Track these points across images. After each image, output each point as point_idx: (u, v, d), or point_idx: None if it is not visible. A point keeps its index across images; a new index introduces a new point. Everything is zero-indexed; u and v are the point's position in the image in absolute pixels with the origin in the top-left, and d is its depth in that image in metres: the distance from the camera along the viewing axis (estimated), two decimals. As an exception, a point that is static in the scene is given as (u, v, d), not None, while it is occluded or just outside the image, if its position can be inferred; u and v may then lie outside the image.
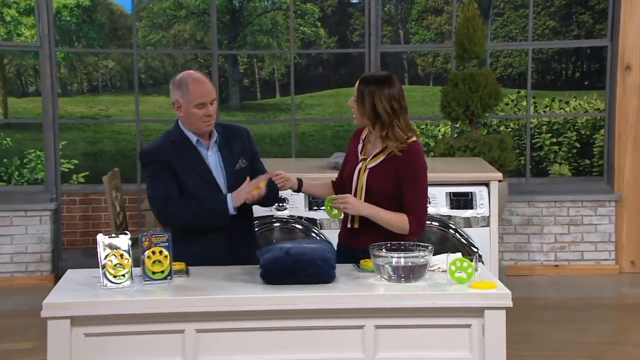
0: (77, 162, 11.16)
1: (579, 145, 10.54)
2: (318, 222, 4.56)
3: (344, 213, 3.32)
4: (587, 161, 10.48)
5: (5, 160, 10.86)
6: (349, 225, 3.34)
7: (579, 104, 11.01)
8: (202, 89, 3.27)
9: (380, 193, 3.25)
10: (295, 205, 4.55)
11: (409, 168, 3.25)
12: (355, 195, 3.28)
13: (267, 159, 3.70)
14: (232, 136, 3.43)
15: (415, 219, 3.24)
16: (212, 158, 3.36)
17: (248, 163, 3.40)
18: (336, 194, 3.47)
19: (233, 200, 3.25)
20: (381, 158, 3.28)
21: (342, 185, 3.47)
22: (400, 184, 3.25)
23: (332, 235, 3.69)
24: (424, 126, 11.39)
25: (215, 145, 3.38)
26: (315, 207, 4.56)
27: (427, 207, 3.33)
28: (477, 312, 2.82)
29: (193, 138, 3.34)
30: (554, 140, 10.55)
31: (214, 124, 3.35)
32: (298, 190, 3.48)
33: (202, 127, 3.31)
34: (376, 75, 3.37)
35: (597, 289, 6.19)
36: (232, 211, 3.26)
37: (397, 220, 3.22)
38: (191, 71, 3.36)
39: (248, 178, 3.30)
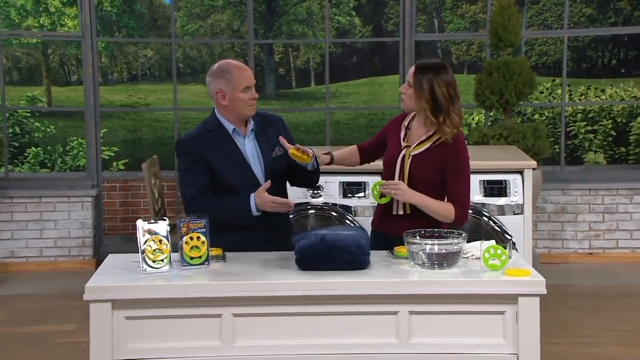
0: (117, 149, 11.34)
1: (614, 133, 10.43)
2: (352, 209, 4.60)
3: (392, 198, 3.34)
4: (623, 149, 10.37)
5: (49, 147, 11.08)
6: (400, 212, 3.34)
7: (615, 92, 10.90)
8: (245, 73, 3.33)
9: (422, 181, 3.29)
10: (330, 193, 4.59)
11: (455, 158, 3.29)
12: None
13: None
14: (268, 124, 3.46)
15: (460, 209, 3.28)
16: (249, 146, 3.39)
17: (284, 151, 3.43)
18: (361, 159, 3.61)
19: (256, 205, 3.25)
20: (426, 145, 3.31)
21: (368, 151, 3.60)
22: (444, 173, 3.29)
23: (367, 223, 3.73)
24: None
25: (252, 133, 3.40)
26: (349, 195, 4.60)
27: (470, 196, 3.36)
28: (511, 299, 2.83)
29: (229, 127, 3.37)
30: (589, 128, 10.46)
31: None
32: (329, 163, 3.59)
33: (247, 112, 3.35)
34: (432, 62, 3.37)
35: (631, 277, 6.15)
36: (255, 212, 3.27)
37: (444, 210, 3.27)
38: (228, 60, 3.41)
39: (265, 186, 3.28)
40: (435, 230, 3.08)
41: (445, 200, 3.33)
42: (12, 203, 6.48)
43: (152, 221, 2.96)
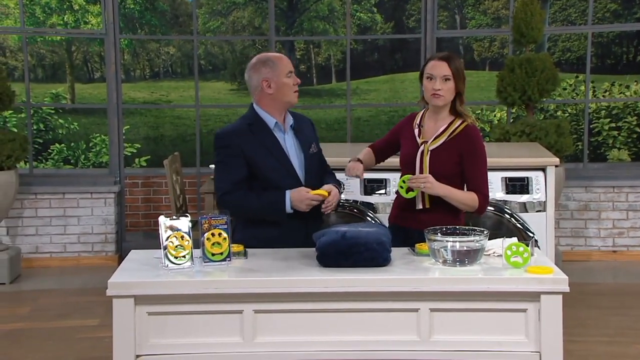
0: (139, 146, 11.41)
1: (639, 130, 10.33)
2: (374, 206, 4.60)
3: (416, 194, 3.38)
4: (648, 146, 10.26)
5: (72, 144, 11.18)
6: (421, 207, 3.39)
7: (640, 89, 10.78)
8: (285, 59, 3.40)
9: (442, 174, 3.34)
10: (351, 190, 4.59)
11: (472, 147, 3.37)
12: None
13: (322, 144, 3.75)
14: (301, 122, 3.51)
15: (482, 197, 3.36)
16: (289, 141, 3.42)
17: (318, 149, 3.50)
18: (376, 160, 3.66)
19: (292, 202, 3.29)
20: (443, 139, 3.39)
21: (381, 152, 3.65)
22: (461, 164, 3.36)
23: (387, 221, 3.72)
24: (479, 111, 11.32)
25: (291, 129, 3.44)
26: (370, 192, 4.60)
27: (488, 184, 3.43)
28: (533, 296, 2.82)
29: (271, 122, 3.39)
30: (613, 125, 10.36)
31: None
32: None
33: (292, 98, 3.38)
34: (449, 53, 3.47)
35: (656, 275, 6.10)
36: (289, 210, 3.30)
37: (469, 199, 3.35)
38: (262, 53, 3.47)
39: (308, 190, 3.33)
40: (457, 227, 3.08)
41: (465, 189, 3.40)
42: (36, 199, 6.54)
43: (174, 217, 2.98)
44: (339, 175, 3.69)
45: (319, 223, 3.46)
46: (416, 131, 3.47)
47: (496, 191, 4.56)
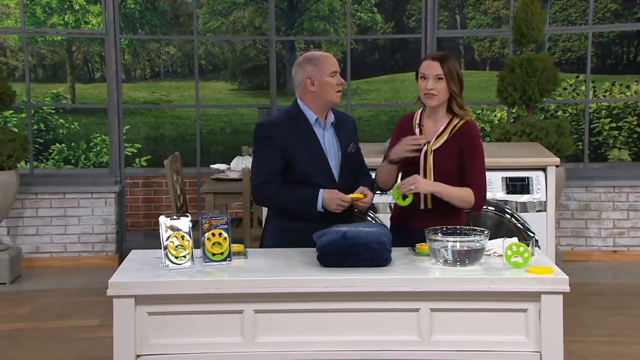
0: (139, 146, 11.42)
1: (639, 130, 10.33)
2: (374, 206, 4.59)
3: (414, 195, 3.36)
4: (648, 146, 10.27)
5: (73, 144, 11.19)
6: (422, 207, 3.38)
7: (641, 88, 10.79)
8: (331, 59, 3.43)
9: (446, 174, 3.35)
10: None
11: (471, 143, 3.37)
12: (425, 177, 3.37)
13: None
14: (343, 121, 3.54)
15: (479, 193, 3.35)
16: (328, 138, 3.45)
17: (357, 148, 3.51)
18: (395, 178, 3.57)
19: (323, 200, 3.31)
20: (445, 138, 3.39)
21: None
22: (461, 161, 3.36)
23: (388, 220, 3.72)
24: (480, 111, 11.33)
25: (332, 127, 3.47)
26: (371, 192, 4.59)
27: (486, 180, 3.43)
28: (534, 296, 2.82)
29: (312, 117, 3.42)
30: (614, 125, 10.37)
31: None
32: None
33: (334, 98, 3.42)
34: (441, 52, 3.49)
35: (657, 275, 6.09)
36: (319, 208, 3.32)
37: (464, 195, 3.33)
38: (312, 51, 3.51)
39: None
40: (458, 227, 3.08)
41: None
42: (37, 199, 6.55)
43: (175, 217, 2.98)
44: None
45: (347, 220, 3.44)
46: (417, 132, 3.47)
47: (496, 191, 4.56)
